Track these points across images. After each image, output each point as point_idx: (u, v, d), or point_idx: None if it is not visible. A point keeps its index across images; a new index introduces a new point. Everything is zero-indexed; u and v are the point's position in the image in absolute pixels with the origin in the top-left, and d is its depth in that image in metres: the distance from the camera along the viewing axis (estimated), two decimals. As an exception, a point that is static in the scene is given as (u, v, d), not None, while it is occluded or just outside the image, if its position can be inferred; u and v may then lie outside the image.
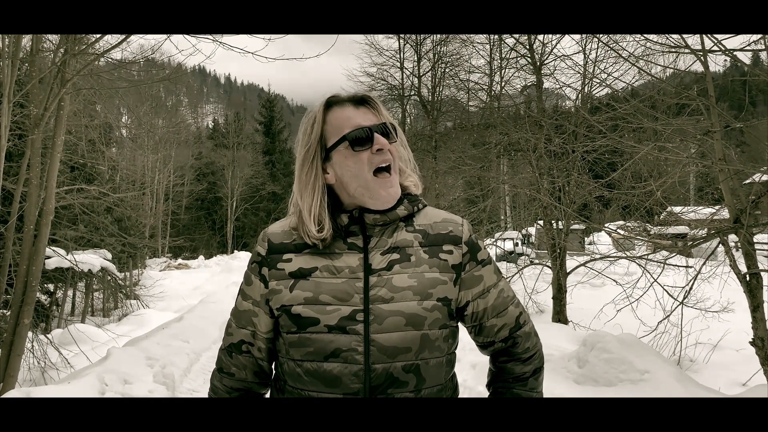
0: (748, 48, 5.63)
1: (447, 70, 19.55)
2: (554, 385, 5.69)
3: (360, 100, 1.40)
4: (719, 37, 5.51)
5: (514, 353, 1.51)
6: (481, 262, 1.46)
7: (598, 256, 9.86)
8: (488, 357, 1.60)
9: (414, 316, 1.32)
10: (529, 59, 12.07)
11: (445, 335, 1.39)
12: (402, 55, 20.80)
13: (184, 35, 5.64)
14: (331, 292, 1.33)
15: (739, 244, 5.95)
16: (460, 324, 1.50)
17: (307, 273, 1.36)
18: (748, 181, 7.54)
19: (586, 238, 20.44)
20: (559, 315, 10.41)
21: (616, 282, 9.10)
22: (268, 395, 1.55)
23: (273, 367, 1.51)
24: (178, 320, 9.68)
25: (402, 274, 1.35)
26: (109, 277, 14.94)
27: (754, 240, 5.96)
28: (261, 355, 1.46)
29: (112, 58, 9.02)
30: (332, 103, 1.41)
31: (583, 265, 10.26)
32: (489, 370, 1.61)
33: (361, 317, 1.31)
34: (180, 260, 30.61)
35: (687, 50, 5.94)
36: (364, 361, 1.29)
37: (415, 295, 1.33)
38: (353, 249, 1.37)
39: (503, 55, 15.45)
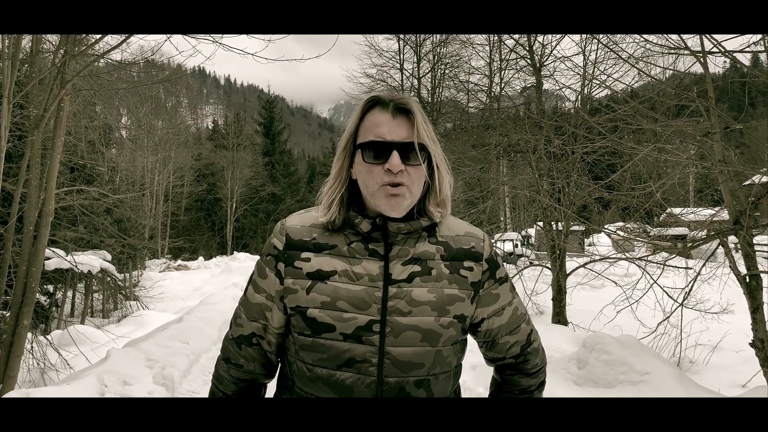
0: (747, 49, 5.63)
1: (446, 71, 19.58)
2: (554, 387, 5.69)
3: (402, 109, 1.33)
4: (719, 38, 5.51)
5: (523, 369, 1.53)
6: (499, 280, 1.45)
7: (597, 258, 9.85)
8: (493, 368, 1.60)
9: (430, 333, 1.31)
10: (528, 60, 12.08)
11: (456, 350, 1.39)
12: (402, 57, 20.83)
13: (184, 36, 5.64)
14: (349, 299, 1.30)
15: (738, 245, 5.95)
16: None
17: (325, 276, 1.32)
18: (747, 183, 7.54)
19: (585, 240, 20.46)
20: (559, 316, 10.41)
21: (616, 283, 9.09)
22: (271, 387, 1.55)
23: (279, 359, 1.50)
24: (178, 321, 9.67)
25: (422, 287, 1.33)
26: (108, 278, 14.93)
27: (754, 241, 5.95)
28: (271, 349, 1.45)
29: (111, 59, 9.03)
30: (375, 103, 1.35)
31: (583, 266, 10.26)
32: (493, 380, 1.61)
33: (377, 328, 1.29)
34: (180, 261, 30.59)
35: (686, 52, 5.94)
36: (378, 374, 1.29)
37: (433, 310, 1.32)
38: (374, 256, 1.34)
39: (503, 57, 15.45)
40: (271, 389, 1.55)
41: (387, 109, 1.32)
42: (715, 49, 5.57)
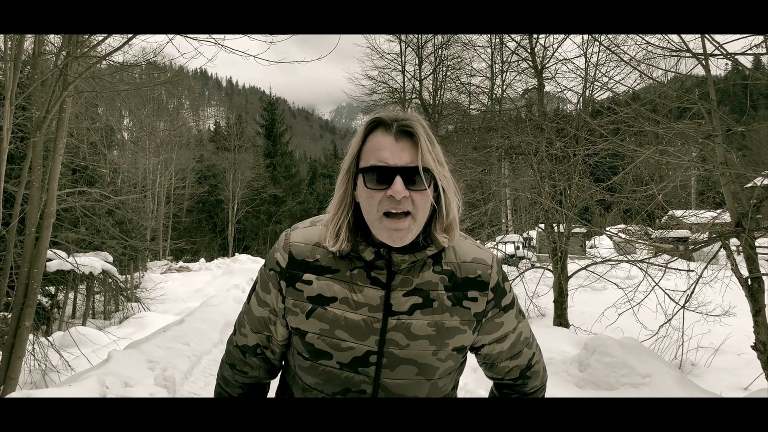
0: (749, 52, 5.64)
1: (448, 73, 19.60)
2: (555, 389, 5.69)
3: (405, 131, 1.25)
4: (720, 40, 5.52)
5: (520, 391, 1.54)
6: (504, 308, 1.41)
7: (599, 260, 9.84)
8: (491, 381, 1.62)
9: (427, 367, 1.31)
10: (530, 62, 12.10)
11: (453, 377, 1.40)
12: (403, 59, 20.87)
13: (186, 38, 5.65)
14: (348, 328, 1.29)
15: (740, 247, 5.94)
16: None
17: (325, 301, 1.30)
18: (749, 185, 7.53)
19: (587, 242, 20.42)
20: (561, 318, 10.40)
21: (618, 286, 9.09)
22: (272, 390, 1.57)
23: (282, 364, 1.51)
24: (179, 323, 9.67)
25: (422, 321, 1.30)
26: (110, 280, 14.93)
27: (756, 244, 5.95)
28: (275, 357, 1.47)
29: (114, 61, 9.04)
30: (377, 125, 1.28)
31: (585, 268, 10.25)
32: (491, 393, 1.63)
33: (374, 359, 1.29)
34: (181, 263, 30.57)
35: (688, 54, 5.94)
36: None
37: (431, 345, 1.31)
38: (376, 284, 1.31)
39: (504, 59, 15.50)
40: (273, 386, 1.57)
41: (390, 131, 1.25)
42: (716, 52, 5.57)
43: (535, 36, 11.61)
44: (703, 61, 5.83)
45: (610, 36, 7.40)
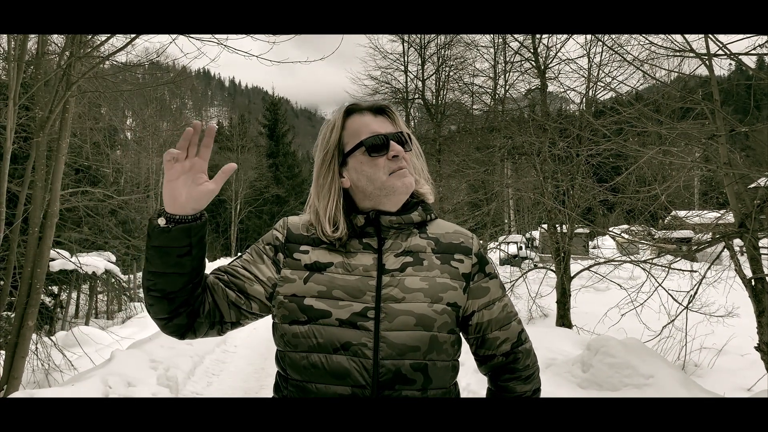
0: (753, 52, 5.62)
1: (451, 73, 19.58)
2: (558, 389, 5.68)
3: (378, 110, 1.45)
4: (724, 40, 5.50)
5: (515, 369, 1.52)
6: (489, 275, 1.50)
7: (602, 260, 9.82)
8: (486, 377, 1.59)
9: (424, 317, 1.34)
10: (533, 63, 12.08)
11: (452, 340, 1.40)
12: (406, 59, 20.85)
13: (189, 38, 5.66)
14: (345, 288, 1.35)
15: (744, 248, 5.93)
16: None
17: (322, 267, 1.38)
18: (753, 186, 7.51)
19: (590, 242, 20.41)
20: (563, 319, 10.38)
21: (621, 286, 9.06)
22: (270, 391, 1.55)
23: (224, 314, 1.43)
24: (182, 323, 9.67)
25: (414, 276, 1.37)
26: (113, 280, 14.95)
27: (760, 244, 5.93)
28: (225, 278, 1.41)
29: (117, 61, 9.05)
30: (352, 110, 1.45)
31: (588, 269, 10.23)
32: (488, 390, 1.60)
33: (372, 314, 1.33)
34: (184, 263, 30.53)
35: (692, 54, 5.93)
36: (374, 357, 1.30)
37: (425, 297, 1.36)
38: (368, 249, 1.40)
39: (507, 59, 15.50)
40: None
41: (365, 112, 1.44)
42: (720, 52, 5.56)
43: (538, 36, 11.59)
44: (707, 61, 5.82)
45: (614, 36, 7.39)
